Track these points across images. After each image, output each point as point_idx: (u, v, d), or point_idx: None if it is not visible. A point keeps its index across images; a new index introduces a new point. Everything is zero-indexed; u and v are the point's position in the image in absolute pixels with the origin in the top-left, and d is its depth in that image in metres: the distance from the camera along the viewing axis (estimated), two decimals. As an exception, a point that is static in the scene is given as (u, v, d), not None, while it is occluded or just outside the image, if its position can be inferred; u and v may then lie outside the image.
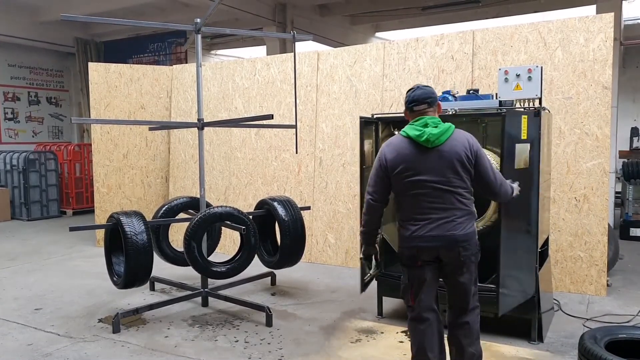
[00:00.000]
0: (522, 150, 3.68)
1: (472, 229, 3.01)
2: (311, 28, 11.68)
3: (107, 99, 7.67)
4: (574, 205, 5.16)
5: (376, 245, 3.31)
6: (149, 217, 4.83)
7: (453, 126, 3.01)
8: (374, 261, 3.45)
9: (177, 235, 7.12)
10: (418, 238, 2.97)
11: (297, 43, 5.33)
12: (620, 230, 7.74)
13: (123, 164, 7.76)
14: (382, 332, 4.26)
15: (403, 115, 4.30)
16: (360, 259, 3.40)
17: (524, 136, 3.71)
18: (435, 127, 2.94)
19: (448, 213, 2.94)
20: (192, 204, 5.38)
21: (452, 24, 12.23)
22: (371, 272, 4.27)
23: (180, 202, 5.36)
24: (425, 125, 2.95)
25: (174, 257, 5.36)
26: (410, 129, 3.00)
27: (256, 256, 4.77)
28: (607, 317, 4.47)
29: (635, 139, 11.50)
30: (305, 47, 11.27)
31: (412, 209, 3.00)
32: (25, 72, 13.49)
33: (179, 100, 7.87)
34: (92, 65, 7.79)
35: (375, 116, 4.57)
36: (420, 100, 3.03)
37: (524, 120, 3.71)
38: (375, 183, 3.08)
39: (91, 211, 9.48)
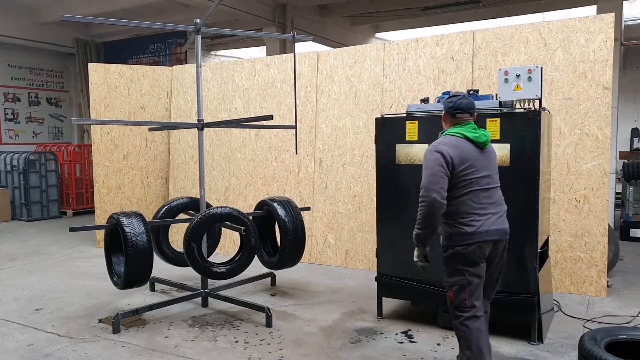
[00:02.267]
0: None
1: None
2: (311, 29, 11.69)
3: (107, 100, 7.68)
4: (574, 206, 5.16)
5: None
6: (149, 217, 4.83)
7: None
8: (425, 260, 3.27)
9: (177, 235, 7.12)
10: (483, 233, 3.09)
11: (297, 44, 5.33)
12: (621, 231, 7.73)
13: (123, 165, 7.76)
14: (382, 333, 4.25)
15: (405, 115, 4.37)
16: (416, 262, 3.24)
17: (497, 137, 3.88)
18: (483, 131, 3.25)
19: (500, 208, 3.22)
20: (192, 204, 5.37)
21: (452, 25, 12.26)
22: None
23: (180, 202, 5.36)
24: (475, 129, 3.22)
25: (174, 258, 5.36)
26: (465, 131, 3.19)
27: (256, 257, 4.76)
28: (607, 318, 4.46)
29: (635, 139, 11.50)
30: (305, 48, 11.29)
31: (471, 205, 3.11)
32: (26, 72, 13.50)
33: (178, 101, 7.87)
34: (92, 66, 7.79)
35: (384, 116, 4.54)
36: (465, 110, 3.24)
37: (493, 123, 3.88)
38: (440, 181, 3.07)
39: (91, 212, 9.50)
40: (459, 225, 3.10)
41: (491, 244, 3.14)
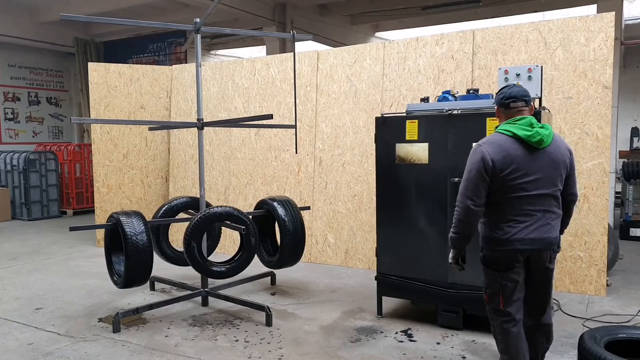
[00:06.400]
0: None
1: (559, 230, 3.03)
2: (311, 28, 11.69)
3: (106, 99, 7.68)
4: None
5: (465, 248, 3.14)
6: (149, 217, 4.84)
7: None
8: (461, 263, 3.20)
9: (177, 235, 7.13)
10: (518, 241, 2.88)
11: (296, 43, 5.34)
12: (620, 230, 7.74)
13: (123, 164, 7.76)
14: (382, 332, 4.26)
15: (405, 114, 4.37)
16: (450, 263, 3.13)
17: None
18: (542, 127, 2.90)
19: (546, 215, 2.92)
20: (192, 204, 5.38)
21: (452, 24, 12.26)
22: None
23: (180, 202, 5.36)
24: (532, 125, 2.87)
25: (174, 257, 5.37)
26: (516, 129, 2.88)
27: (256, 256, 4.77)
28: (606, 317, 4.47)
29: (635, 139, 11.52)
30: (305, 47, 11.30)
31: (511, 210, 2.89)
32: (25, 72, 13.51)
33: (178, 100, 7.87)
34: (91, 66, 7.79)
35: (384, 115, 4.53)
36: (519, 97, 2.94)
37: (493, 122, 3.79)
38: (476, 187, 2.87)
39: (91, 211, 9.51)
40: (495, 230, 2.93)
41: (528, 252, 2.90)
